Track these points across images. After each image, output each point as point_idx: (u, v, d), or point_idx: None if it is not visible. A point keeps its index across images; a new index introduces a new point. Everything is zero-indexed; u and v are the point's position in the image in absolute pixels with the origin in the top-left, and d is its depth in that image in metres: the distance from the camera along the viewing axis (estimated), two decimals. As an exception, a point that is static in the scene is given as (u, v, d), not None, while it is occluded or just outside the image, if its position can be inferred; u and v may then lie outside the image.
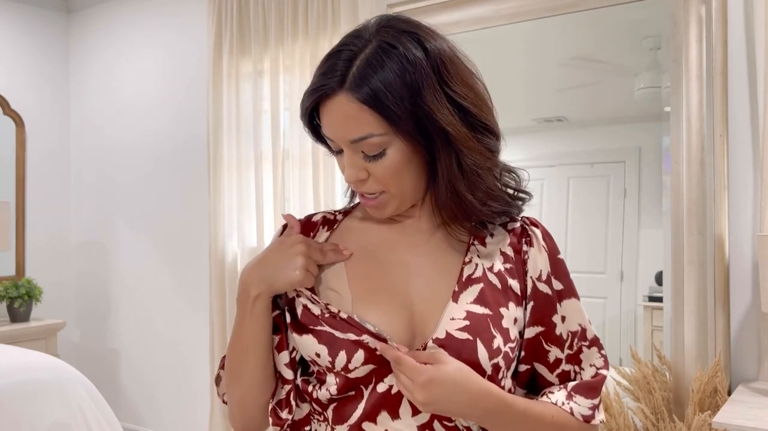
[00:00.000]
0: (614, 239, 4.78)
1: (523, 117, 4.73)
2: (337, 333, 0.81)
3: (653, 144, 4.50)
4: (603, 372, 0.90)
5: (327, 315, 0.82)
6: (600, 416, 0.89)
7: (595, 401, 0.88)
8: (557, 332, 0.88)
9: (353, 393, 0.83)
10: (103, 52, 3.77)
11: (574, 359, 0.90)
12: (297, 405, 0.88)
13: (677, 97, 1.99)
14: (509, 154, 0.90)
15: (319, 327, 0.82)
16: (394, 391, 0.81)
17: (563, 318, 0.89)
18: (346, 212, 0.96)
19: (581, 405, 0.87)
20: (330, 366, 0.82)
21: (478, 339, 0.80)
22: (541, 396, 0.89)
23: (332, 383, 0.83)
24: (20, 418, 2.20)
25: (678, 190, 1.99)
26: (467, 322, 0.81)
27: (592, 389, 0.88)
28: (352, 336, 0.80)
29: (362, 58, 0.77)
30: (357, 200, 0.96)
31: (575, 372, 0.90)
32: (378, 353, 0.79)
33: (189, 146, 3.34)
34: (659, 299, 4.02)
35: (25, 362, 2.43)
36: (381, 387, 0.82)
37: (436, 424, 0.81)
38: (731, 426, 1.50)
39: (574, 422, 0.86)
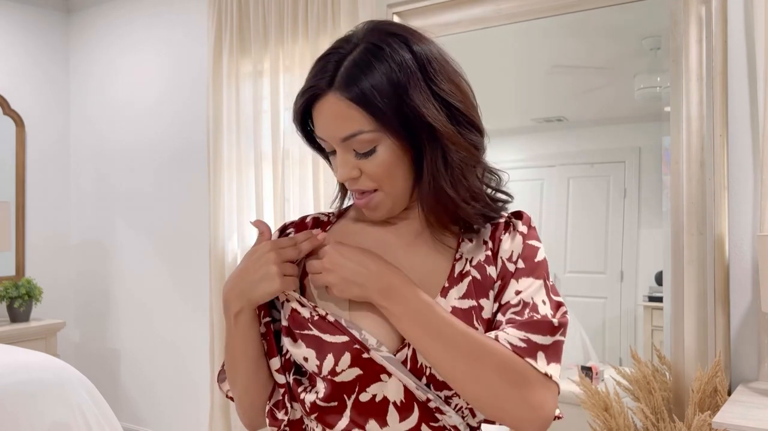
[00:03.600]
0: (614, 239, 4.78)
1: (523, 117, 4.72)
2: (325, 337, 0.82)
3: (653, 144, 4.49)
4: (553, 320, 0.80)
5: (316, 318, 0.83)
6: (551, 370, 0.79)
7: (535, 338, 0.78)
8: (504, 299, 0.83)
9: (335, 404, 0.84)
10: (103, 52, 3.77)
11: (519, 314, 0.81)
12: (291, 407, 0.90)
13: (677, 97, 1.99)
14: (510, 154, 0.91)
15: (307, 331, 0.84)
16: (378, 399, 0.82)
17: (517, 292, 0.83)
18: (339, 214, 0.98)
19: (510, 334, 0.79)
20: (317, 371, 0.83)
21: None
22: None
23: (321, 388, 0.84)
24: (20, 418, 2.20)
25: (678, 190, 1.98)
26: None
27: (532, 326, 0.79)
28: (339, 339, 0.81)
29: (350, 59, 0.81)
30: (348, 202, 0.98)
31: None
32: (364, 357, 0.81)
33: (189, 146, 3.34)
34: (659, 299, 4.01)
35: (25, 362, 2.43)
36: (364, 397, 0.83)
37: (423, 427, 0.82)
38: (731, 426, 1.50)
39: (509, 354, 0.77)
